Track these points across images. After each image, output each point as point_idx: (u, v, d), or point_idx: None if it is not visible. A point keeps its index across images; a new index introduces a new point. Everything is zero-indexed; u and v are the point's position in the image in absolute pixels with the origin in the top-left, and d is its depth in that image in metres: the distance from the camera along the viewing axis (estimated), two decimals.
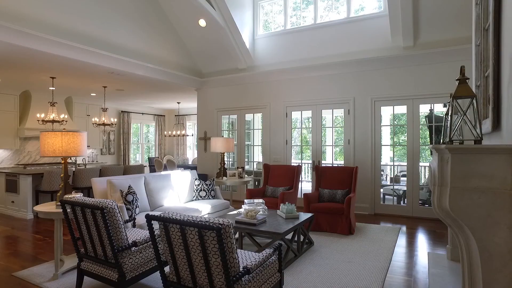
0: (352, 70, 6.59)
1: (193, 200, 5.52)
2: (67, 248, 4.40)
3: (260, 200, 4.61)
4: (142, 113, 12.66)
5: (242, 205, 4.51)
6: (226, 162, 8.56)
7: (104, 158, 11.05)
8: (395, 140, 6.87)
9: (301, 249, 3.99)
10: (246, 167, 8.45)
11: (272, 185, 6.13)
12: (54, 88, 8.40)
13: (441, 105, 6.04)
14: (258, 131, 8.51)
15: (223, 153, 6.57)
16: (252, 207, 3.93)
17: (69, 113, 9.83)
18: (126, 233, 2.75)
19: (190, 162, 11.80)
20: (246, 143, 8.68)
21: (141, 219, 4.08)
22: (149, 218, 2.29)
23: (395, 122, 7.49)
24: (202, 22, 7.21)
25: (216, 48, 7.76)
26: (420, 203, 6.14)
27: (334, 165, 7.49)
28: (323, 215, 5.04)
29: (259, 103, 7.76)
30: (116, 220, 2.64)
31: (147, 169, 12.17)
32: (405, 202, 6.66)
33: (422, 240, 4.71)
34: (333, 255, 3.96)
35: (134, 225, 3.70)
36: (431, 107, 6.36)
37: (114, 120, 8.41)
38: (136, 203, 4.27)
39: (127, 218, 4.06)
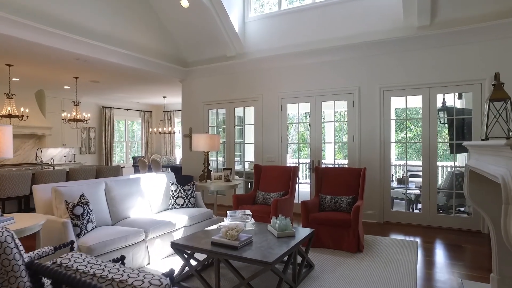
0: (357, 55, 5.66)
1: (168, 209, 4.60)
2: None
3: (247, 212, 3.69)
4: (127, 109, 11.70)
5: (224, 218, 3.60)
6: (214, 162, 7.64)
7: (83, 158, 10.09)
8: (401, 136, 5.95)
9: (298, 277, 3.08)
10: (238, 167, 7.53)
11: (264, 190, 5.21)
12: (18, 79, 7.43)
13: (451, 96, 5.15)
14: (250, 127, 7.59)
15: (207, 152, 5.64)
16: (234, 224, 3.01)
17: (40, 109, 8.86)
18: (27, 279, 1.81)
19: (177, 162, 10.87)
20: (237, 140, 7.75)
21: (92, 238, 3.15)
22: (34, 273, 1.36)
23: (403, 115, 6.58)
24: (184, 2, 6.26)
25: (202, 33, 6.82)
26: (440, 210, 5.25)
27: (336, 165, 6.58)
28: (325, 227, 4.13)
29: (250, 95, 6.83)
30: (8, 260, 1.71)
31: (130, 170, 11.22)
32: (418, 208, 5.76)
33: (447, 259, 3.81)
34: (340, 286, 3.05)
35: (72, 249, 2.76)
36: (443, 99, 5.47)
37: (87, 115, 7.45)
38: (88, 217, 3.34)
39: (73, 238, 3.13)
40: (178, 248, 3.03)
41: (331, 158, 9.94)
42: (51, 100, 8.94)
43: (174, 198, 4.64)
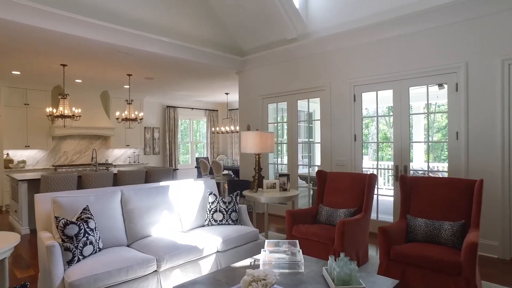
0: (462, 18, 4.02)
1: (204, 226, 3.68)
2: None
3: (294, 243, 2.55)
4: (191, 108, 11.38)
5: (262, 250, 2.51)
6: (279, 166, 6.59)
7: (147, 159, 10.00)
8: None
9: None
10: (302, 171, 6.34)
11: (328, 205, 3.96)
12: (80, 81, 7.43)
13: None
14: (317, 122, 6.36)
15: (258, 154, 4.61)
16: (262, 271, 1.89)
17: (106, 110, 8.92)
18: None
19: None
20: (301, 140, 6.58)
21: (82, 269, 2.36)
22: None
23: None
24: None
25: (257, 15, 5.82)
26: None
27: (430, 172, 4.96)
28: (417, 270, 2.74)
29: (315, 84, 5.60)
30: None
31: (194, 172, 10.85)
32: None
33: None
34: None
35: None
36: None
37: (140, 114, 7.08)
38: (85, 238, 2.59)
39: (59, 267, 2.39)
40: None
41: (420, 161, 8.06)
42: (115, 100, 8.95)
43: (211, 213, 3.70)
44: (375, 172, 5.80)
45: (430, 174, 5.89)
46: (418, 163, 8.02)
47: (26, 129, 7.54)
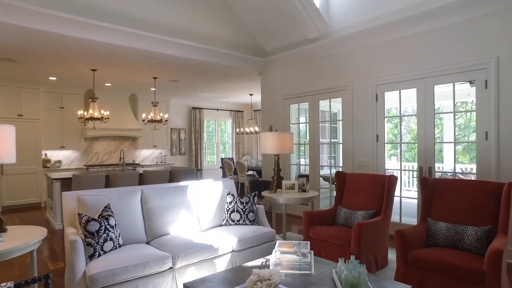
0: (492, 10, 3.81)
1: (222, 226, 3.74)
2: None
3: (305, 244, 2.53)
4: (217, 109, 11.56)
5: (273, 250, 2.52)
6: (302, 167, 6.56)
7: (173, 159, 10.27)
8: None
9: None
10: (324, 172, 6.26)
11: (347, 206, 3.90)
12: (110, 85, 7.77)
13: None
14: (340, 123, 6.25)
15: (277, 155, 4.61)
16: (268, 272, 1.91)
17: (134, 112, 9.27)
18: None
19: None
20: (324, 140, 6.51)
21: (102, 263, 2.49)
22: None
23: None
24: None
25: (277, 15, 5.83)
26: None
27: (458, 174, 4.73)
28: (436, 276, 2.63)
29: (336, 84, 5.52)
30: None
31: (219, 172, 11.00)
32: None
33: None
34: None
35: (47, 286, 2.09)
36: None
37: (165, 116, 7.29)
38: (105, 235, 2.72)
39: (82, 261, 2.53)
40: None
41: (451, 162, 7.69)
42: (142, 102, 9.27)
43: (229, 212, 3.75)
44: (401, 174, 5.61)
45: (461, 176, 5.61)
46: (450, 164, 7.66)
47: (61, 131, 8.00)
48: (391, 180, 3.59)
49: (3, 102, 7.04)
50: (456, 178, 4.30)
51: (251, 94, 9.88)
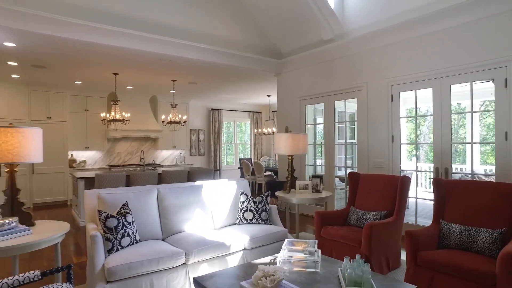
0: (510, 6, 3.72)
1: (235, 224, 3.84)
2: None
3: (311, 242, 2.59)
4: (235, 110, 11.71)
5: (281, 249, 2.59)
6: (318, 168, 6.58)
7: (193, 160, 10.50)
8: None
9: None
10: (339, 173, 6.26)
11: (360, 207, 3.90)
12: (131, 87, 8.06)
13: None
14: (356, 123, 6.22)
15: (291, 156, 4.67)
16: (272, 268, 1.98)
17: (154, 113, 9.55)
18: None
19: None
20: (340, 141, 6.49)
21: (119, 257, 2.64)
22: None
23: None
24: None
25: (292, 17, 5.88)
26: None
27: (478, 176, 4.62)
28: (446, 278, 2.61)
29: (352, 84, 5.51)
30: None
31: (237, 172, 11.14)
32: None
33: None
34: None
35: (68, 275, 2.24)
36: None
37: (184, 117, 7.49)
38: (123, 231, 2.87)
39: (101, 255, 2.69)
40: None
41: (475, 163, 7.45)
42: (162, 104, 9.54)
43: (242, 212, 3.85)
44: (416, 174, 5.53)
45: (483, 178, 5.47)
46: (474, 165, 7.42)
47: (86, 132, 8.38)
48: (404, 181, 3.57)
49: (34, 106, 7.46)
50: (475, 179, 4.20)
51: (268, 95, 9.96)
